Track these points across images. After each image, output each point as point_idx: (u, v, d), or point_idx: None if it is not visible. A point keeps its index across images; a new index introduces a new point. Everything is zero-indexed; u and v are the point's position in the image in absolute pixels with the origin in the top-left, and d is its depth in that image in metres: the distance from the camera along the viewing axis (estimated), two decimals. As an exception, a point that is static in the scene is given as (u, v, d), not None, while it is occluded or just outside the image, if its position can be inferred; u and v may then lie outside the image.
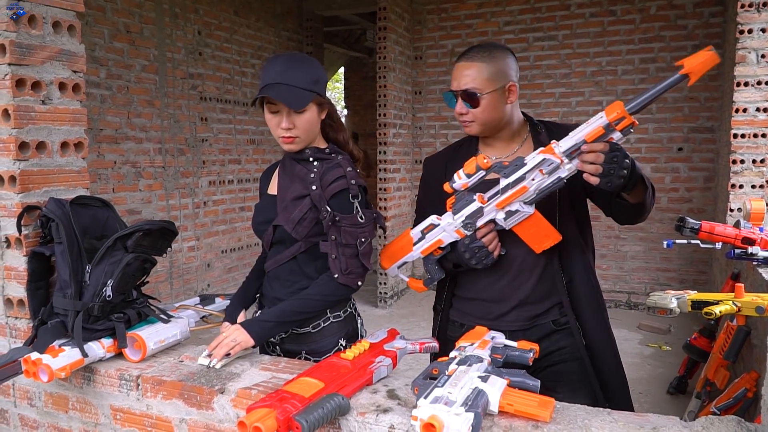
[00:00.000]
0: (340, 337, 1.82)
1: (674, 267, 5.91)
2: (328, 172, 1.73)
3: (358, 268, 1.75)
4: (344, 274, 1.72)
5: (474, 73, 1.71)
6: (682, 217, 2.88)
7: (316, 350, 1.79)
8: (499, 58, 1.72)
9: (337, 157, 1.78)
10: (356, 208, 1.72)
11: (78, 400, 1.68)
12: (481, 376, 1.24)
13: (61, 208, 1.68)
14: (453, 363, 1.31)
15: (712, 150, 5.73)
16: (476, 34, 6.47)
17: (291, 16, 7.06)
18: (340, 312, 1.82)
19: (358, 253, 1.74)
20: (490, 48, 1.74)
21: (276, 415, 1.17)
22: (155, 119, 5.16)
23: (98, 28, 4.58)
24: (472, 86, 1.71)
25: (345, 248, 1.72)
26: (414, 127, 6.86)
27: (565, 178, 1.56)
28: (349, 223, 1.72)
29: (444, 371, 1.27)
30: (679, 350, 4.47)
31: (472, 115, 1.74)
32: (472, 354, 1.36)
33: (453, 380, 1.21)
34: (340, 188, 1.71)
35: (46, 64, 1.73)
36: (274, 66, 1.71)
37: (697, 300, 2.30)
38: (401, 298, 6.54)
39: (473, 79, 1.70)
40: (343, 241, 1.72)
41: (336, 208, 1.71)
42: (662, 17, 5.79)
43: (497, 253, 1.71)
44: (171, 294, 5.33)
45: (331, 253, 1.73)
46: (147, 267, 1.76)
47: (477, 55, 1.73)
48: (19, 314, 1.76)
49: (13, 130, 1.66)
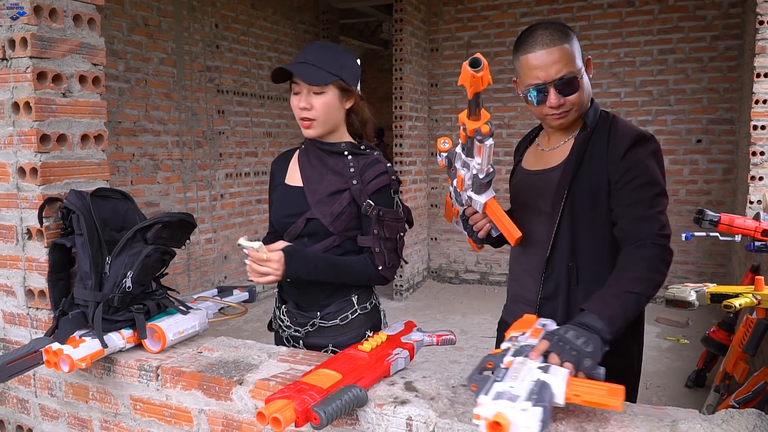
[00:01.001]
0: (367, 329, 1.83)
1: (693, 260, 5.85)
2: (369, 168, 1.76)
3: (397, 261, 1.81)
4: (387, 267, 1.77)
5: (564, 56, 1.54)
6: (700, 209, 2.84)
7: (343, 343, 1.78)
8: (568, 34, 1.56)
9: (374, 152, 1.81)
10: (397, 203, 1.79)
11: (98, 390, 1.70)
12: (541, 366, 1.14)
13: (81, 200, 1.69)
14: (508, 355, 1.21)
15: (732, 141, 5.66)
16: (492, 26, 6.44)
17: (307, 9, 7.05)
18: (366, 304, 1.84)
19: (397, 246, 1.79)
20: (557, 25, 1.58)
21: (294, 406, 1.17)
22: (173, 112, 5.19)
23: (117, 22, 4.60)
24: (567, 71, 1.54)
25: (387, 242, 1.76)
26: (430, 120, 6.84)
27: (481, 174, 1.45)
28: (392, 218, 1.76)
29: (499, 364, 1.18)
30: (697, 343, 4.44)
31: (570, 103, 1.58)
32: (526, 344, 1.25)
33: (512, 373, 1.12)
34: (383, 184, 1.75)
35: (67, 57, 1.74)
36: (306, 49, 1.76)
37: (717, 293, 2.29)
38: (417, 291, 6.54)
39: (565, 63, 1.54)
40: (386, 235, 1.76)
41: (379, 202, 1.74)
42: (681, 8, 5.72)
43: (482, 234, 1.67)
44: (188, 286, 5.37)
45: (374, 246, 1.76)
46: (166, 259, 1.77)
47: (552, 38, 1.55)
48: (40, 305, 1.78)
49: (35, 122, 1.68)
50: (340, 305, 1.81)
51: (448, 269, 6.93)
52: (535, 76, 1.56)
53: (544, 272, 1.66)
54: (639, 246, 1.49)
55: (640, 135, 1.59)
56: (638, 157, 1.55)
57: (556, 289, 1.65)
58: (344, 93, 1.76)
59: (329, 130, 1.78)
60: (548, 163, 1.71)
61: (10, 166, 1.76)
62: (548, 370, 1.12)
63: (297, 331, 1.85)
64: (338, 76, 1.71)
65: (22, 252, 1.79)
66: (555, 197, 1.63)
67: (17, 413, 1.91)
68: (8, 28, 1.67)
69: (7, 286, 1.84)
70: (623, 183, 1.56)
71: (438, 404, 1.26)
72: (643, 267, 1.45)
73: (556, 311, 1.64)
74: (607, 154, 1.58)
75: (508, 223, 1.57)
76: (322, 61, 1.71)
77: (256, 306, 5.56)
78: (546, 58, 1.54)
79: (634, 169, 1.55)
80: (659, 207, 1.55)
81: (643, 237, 1.50)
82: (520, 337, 1.30)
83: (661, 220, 1.53)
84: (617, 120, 1.65)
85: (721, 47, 5.63)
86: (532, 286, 1.71)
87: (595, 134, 1.62)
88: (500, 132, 6.45)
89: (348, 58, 1.77)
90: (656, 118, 5.87)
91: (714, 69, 5.68)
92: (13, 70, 1.69)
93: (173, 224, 1.74)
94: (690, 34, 5.72)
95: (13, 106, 1.71)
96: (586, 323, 1.29)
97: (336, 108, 1.75)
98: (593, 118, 1.65)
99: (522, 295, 1.77)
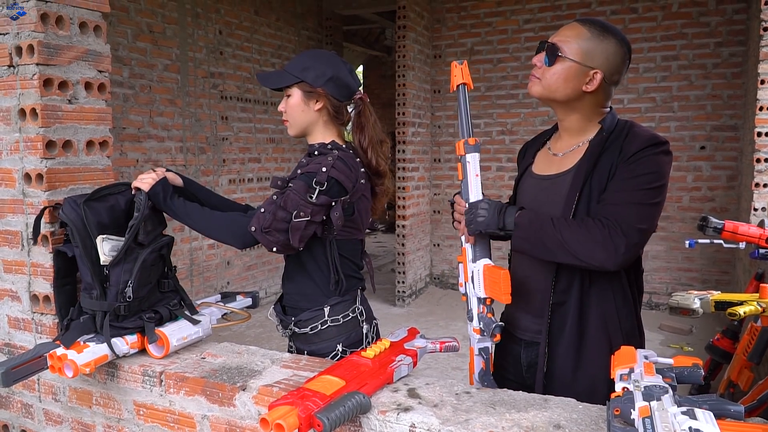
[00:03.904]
0: (339, 342, 1.80)
1: (696, 267, 5.84)
2: (314, 160, 1.75)
3: (280, 235, 1.66)
4: (263, 231, 1.66)
5: (573, 35, 1.59)
6: (704, 216, 2.84)
7: (315, 351, 1.80)
8: (607, 40, 1.58)
9: (334, 151, 1.77)
10: (313, 189, 1.67)
11: (102, 395, 1.70)
12: (685, 412, 1.03)
13: (75, 210, 1.65)
14: (639, 399, 1.09)
15: (736, 148, 5.66)
16: (496, 32, 6.45)
17: (311, 15, 7.08)
18: (338, 316, 1.81)
19: (290, 224, 1.65)
20: (609, 29, 1.61)
21: (297, 412, 1.17)
22: (177, 118, 5.21)
23: (122, 28, 4.63)
24: (560, 44, 1.59)
25: (279, 210, 1.66)
26: (433, 126, 6.85)
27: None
28: (297, 192, 1.66)
29: (629, 411, 1.08)
30: (701, 351, 4.42)
31: (542, 71, 1.62)
32: (651, 384, 1.14)
33: (662, 424, 1.01)
34: (310, 170, 1.70)
35: (73, 64, 1.75)
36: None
37: (721, 300, 2.28)
38: (419, 297, 6.53)
39: (567, 39, 1.59)
40: (281, 203, 1.66)
41: (296, 179, 1.71)
42: (684, 14, 5.73)
43: (460, 234, 1.68)
44: (191, 291, 5.38)
45: (261, 207, 1.70)
46: (164, 253, 1.77)
47: (591, 24, 1.60)
48: (45, 310, 1.79)
49: (41, 129, 1.69)
50: (311, 314, 1.80)
51: (450, 275, 6.92)
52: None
53: (554, 278, 1.63)
54: (598, 221, 1.50)
55: (655, 138, 1.57)
56: (647, 154, 1.54)
57: (568, 294, 1.63)
58: (308, 95, 1.79)
59: (302, 130, 1.84)
60: (560, 167, 1.69)
61: (16, 172, 1.76)
62: (694, 414, 1.03)
63: (284, 332, 1.89)
64: (299, 78, 1.77)
65: (28, 257, 1.79)
66: (566, 200, 1.60)
67: (21, 418, 1.91)
68: (15, 35, 1.68)
69: (12, 291, 1.85)
70: (622, 174, 1.54)
71: (441, 411, 1.26)
72: (584, 230, 1.49)
73: (567, 315, 1.62)
74: (619, 155, 1.56)
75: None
76: (291, 66, 1.80)
77: (259, 312, 5.56)
78: (567, 27, 1.63)
79: (639, 163, 1.53)
80: (656, 199, 1.52)
81: (613, 220, 1.49)
82: (632, 374, 1.22)
83: (647, 212, 1.51)
84: (635, 125, 1.63)
85: (725, 54, 5.63)
86: (538, 293, 1.68)
87: (610, 139, 1.61)
88: (503, 138, 6.46)
89: (317, 61, 1.79)
90: (660, 124, 5.87)
91: (718, 75, 5.68)
92: (19, 77, 1.70)
93: (147, 215, 1.73)
94: (694, 40, 5.72)
95: (20, 113, 1.72)
96: (503, 205, 1.57)
97: (301, 109, 1.80)
98: (610, 123, 1.63)
99: (526, 301, 1.73)
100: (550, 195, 1.68)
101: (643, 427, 1.02)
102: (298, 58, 1.82)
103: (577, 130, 1.67)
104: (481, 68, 6.53)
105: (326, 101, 1.80)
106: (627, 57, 1.63)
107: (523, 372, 1.74)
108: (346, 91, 1.82)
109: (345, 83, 1.80)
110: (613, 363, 1.28)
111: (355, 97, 1.85)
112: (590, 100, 1.62)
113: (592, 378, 1.60)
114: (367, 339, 1.86)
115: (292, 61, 1.82)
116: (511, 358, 1.79)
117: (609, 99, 1.66)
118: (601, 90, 1.60)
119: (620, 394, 1.15)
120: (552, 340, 1.64)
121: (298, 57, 1.83)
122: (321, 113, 1.81)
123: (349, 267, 1.85)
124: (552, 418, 1.22)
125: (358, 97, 1.85)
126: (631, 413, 1.07)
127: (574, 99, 1.62)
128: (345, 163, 1.73)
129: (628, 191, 1.51)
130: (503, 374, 1.80)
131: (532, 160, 1.81)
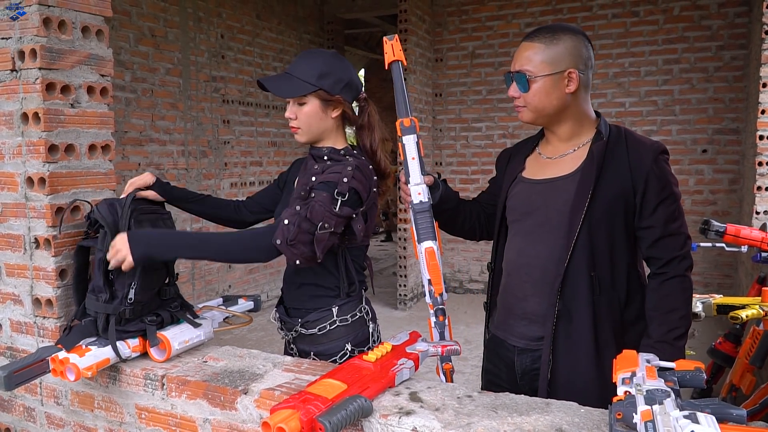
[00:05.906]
0: (347, 341, 1.80)
1: (699, 270, 5.83)
2: (330, 168, 1.71)
3: (305, 247, 1.63)
4: (288, 244, 1.61)
5: (530, 54, 1.62)
6: (706, 219, 2.84)
7: (322, 352, 1.79)
8: (562, 41, 1.61)
9: (349, 158, 1.75)
10: (336, 200, 1.65)
11: (103, 399, 1.70)
12: (687, 415, 1.03)
13: (113, 214, 1.67)
14: (641, 403, 1.10)
15: (737, 152, 5.66)
16: (497, 36, 6.46)
17: (312, 19, 7.09)
18: (348, 316, 1.81)
19: (315, 235, 1.63)
20: (556, 29, 1.63)
21: (299, 416, 1.17)
22: (179, 122, 5.22)
23: (124, 32, 4.64)
24: (525, 68, 1.62)
25: (304, 221, 1.62)
26: (434, 130, 6.85)
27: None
28: (321, 203, 1.63)
29: (631, 415, 1.08)
30: (703, 355, 4.41)
31: (524, 99, 1.65)
32: (653, 387, 1.15)
33: (664, 428, 1.02)
34: (330, 180, 1.67)
35: (75, 68, 1.76)
36: (295, 58, 1.77)
37: (723, 304, 2.28)
38: (421, 301, 6.53)
39: (528, 60, 1.62)
40: (306, 215, 1.62)
41: (317, 188, 1.67)
42: (686, 18, 5.73)
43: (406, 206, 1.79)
44: (193, 295, 5.38)
45: (284, 218, 1.63)
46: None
47: (538, 36, 1.63)
48: (47, 314, 1.79)
49: (43, 133, 1.69)
50: (319, 314, 1.79)
51: (452, 279, 6.92)
52: (512, 63, 1.69)
53: (560, 284, 1.62)
54: (663, 281, 1.62)
55: (660, 146, 1.64)
56: (662, 168, 1.61)
57: (576, 301, 1.62)
58: (326, 103, 1.74)
59: (315, 137, 1.80)
60: (556, 171, 1.69)
61: (18, 175, 1.77)
62: (696, 418, 1.03)
63: (286, 334, 1.88)
64: (318, 86, 1.71)
65: (30, 261, 1.79)
66: (573, 206, 1.61)
67: (24, 421, 1.91)
68: (18, 39, 1.69)
69: (14, 294, 1.85)
70: (651, 195, 1.61)
71: (443, 415, 1.26)
72: (674, 305, 1.63)
73: (574, 323, 1.62)
74: (629, 165, 1.60)
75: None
76: (299, 71, 1.73)
77: (260, 315, 5.55)
78: (520, 50, 1.66)
79: (660, 181, 1.60)
80: (680, 219, 1.64)
81: (666, 257, 1.62)
82: (635, 378, 1.22)
83: (683, 233, 1.64)
84: (630, 131, 1.68)
85: (727, 57, 5.63)
86: (539, 299, 1.67)
87: (611, 144, 1.63)
88: (504, 142, 6.45)
89: (327, 66, 1.73)
90: (661, 128, 5.87)
91: (719, 79, 5.68)
92: (22, 81, 1.71)
93: (142, 218, 1.74)
94: (695, 43, 5.72)
95: (22, 117, 1.73)
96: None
97: (319, 117, 1.75)
98: (605, 128, 1.67)
99: (523, 308, 1.72)
100: (548, 198, 1.68)
101: (645, 430, 1.02)
102: (306, 62, 1.74)
103: (570, 135, 1.70)
104: (483, 72, 6.54)
105: (344, 108, 1.78)
106: (586, 42, 1.66)
107: (518, 379, 1.74)
108: (356, 93, 1.82)
109: (356, 86, 1.80)
110: (615, 367, 1.28)
111: (360, 97, 1.84)
112: (576, 100, 1.66)
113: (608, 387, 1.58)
114: (373, 338, 1.87)
115: (300, 65, 1.75)
116: (503, 365, 1.78)
117: (589, 88, 1.69)
118: (581, 84, 1.64)
119: (622, 398, 1.15)
120: (556, 347, 1.63)
121: (307, 60, 1.75)
122: (337, 119, 1.79)
123: (356, 270, 1.85)
124: (554, 421, 1.22)
125: (363, 97, 1.85)
126: (633, 417, 1.08)
127: (563, 107, 1.65)
128: (362, 173, 1.71)
129: (669, 214, 1.62)
130: (496, 381, 1.80)
131: (524, 165, 1.82)
